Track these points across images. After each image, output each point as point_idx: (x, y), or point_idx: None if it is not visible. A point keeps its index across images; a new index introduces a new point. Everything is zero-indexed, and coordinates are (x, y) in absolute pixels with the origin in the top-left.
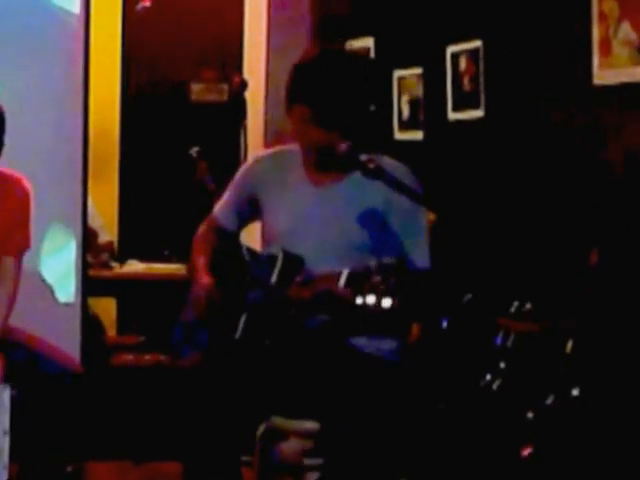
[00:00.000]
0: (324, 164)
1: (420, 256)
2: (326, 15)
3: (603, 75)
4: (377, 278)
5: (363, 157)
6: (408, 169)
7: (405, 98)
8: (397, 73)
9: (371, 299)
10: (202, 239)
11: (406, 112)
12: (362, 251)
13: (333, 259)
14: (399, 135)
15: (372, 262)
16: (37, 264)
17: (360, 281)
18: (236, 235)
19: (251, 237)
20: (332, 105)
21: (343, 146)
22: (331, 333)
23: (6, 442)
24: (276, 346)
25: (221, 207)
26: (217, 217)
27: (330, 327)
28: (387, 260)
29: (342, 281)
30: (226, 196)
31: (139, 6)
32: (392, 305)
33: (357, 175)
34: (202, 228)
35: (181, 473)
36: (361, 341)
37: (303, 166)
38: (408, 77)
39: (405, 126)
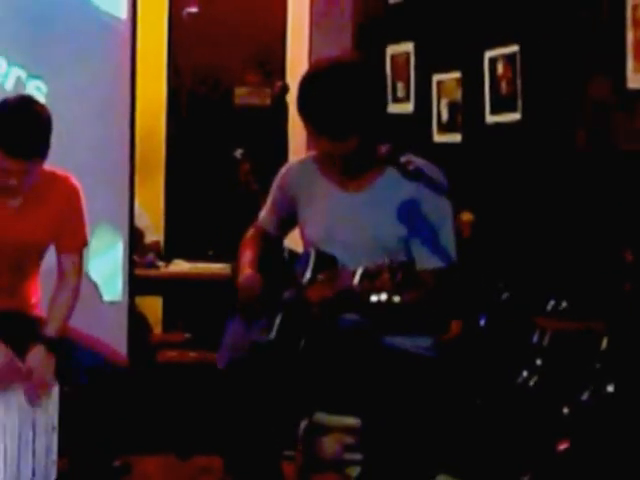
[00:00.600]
0: (350, 170)
1: (449, 253)
2: (367, 21)
3: (637, 79)
4: (386, 275)
5: (402, 159)
6: (436, 167)
7: (444, 101)
8: (436, 77)
9: (383, 296)
10: (248, 243)
11: (445, 115)
12: (391, 252)
13: (364, 260)
14: (438, 137)
15: (385, 260)
16: (85, 263)
17: (372, 278)
18: (280, 239)
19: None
20: (320, 116)
21: (383, 148)
22: (364, 332)
23: (55, 438)
24: (311, 345)
25: (264, 213)
26: (261, 222)
27: (363, 326)
28: (397, 258)
29: (356, 279)
30: (267, 202)
31: (185, 12)
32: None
33: (384, 179)
34: (249, 233)
35: (223, 467)
36: (397, 338)
37: (331, 172)
38: (447, 81)
39: (444, 129)
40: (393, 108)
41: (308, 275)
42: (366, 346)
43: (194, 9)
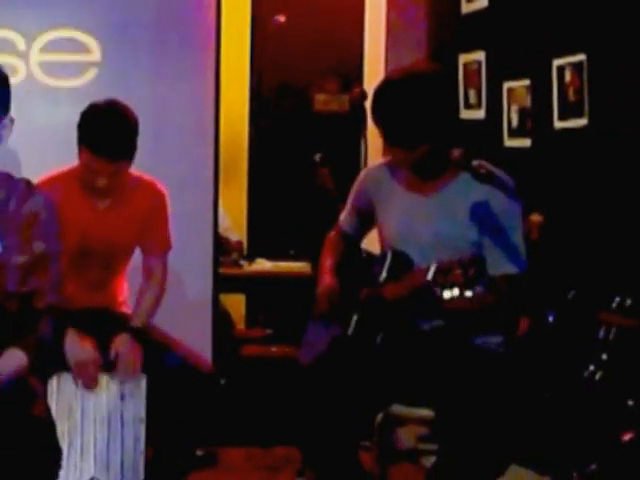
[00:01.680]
0: (424, 174)
1: (520, 254)
2: (440, 31)
3: None
4: (458, 271)
5: (475, 163)
6: (504, 172)
7: (514, 108)
8: (507, 84)
9: (455, 291)
10: (329, 244)
11: (515, 121)
12: (463, 252)
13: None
14: (508, 142)
15: (455, 257)
16: (172, 262)
17: (444, 274)
18: (359, 239)
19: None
20: (392, 126)
21: (456, 152)
22: (439, 328)
23: (142, 429)
24: (388, 340)
25: (344, 215)
26: (341, 224)
27: (446, 327)
28: (467, 254)
29: (429, 275)
30: (347, 205)
31: (274, 20)
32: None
33: (457, 183)
34: (331, 234)
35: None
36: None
37: (406, 177)
38: (517, 88)
39: (514, 134)
40: (465, 114)
41: (384, 274)
42: (439, 341)
43: (283, 18)
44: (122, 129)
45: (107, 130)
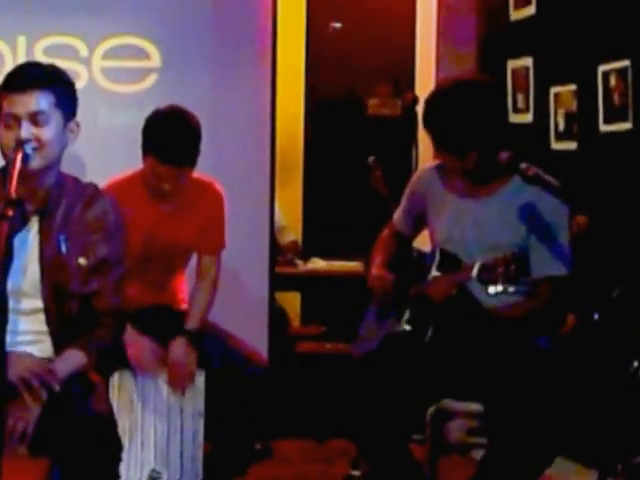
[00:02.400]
0: (474, 179)
1: (566, 254)
2: (489, 37)
3: None
4: (501, 268)
5: (522, 165)
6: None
7: (561, 112)
8: (554, 89)
9: (499, 287)
10: (382, 242)
11: (562, 124)
12: (510, 252)
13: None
14: (555, 145)
15: (499, 255)
16: (229, 262)
17: (488, 271)
18: (411, 239)
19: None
20: (443, 134)
21: (504, 155)
22: (487, 324)
23: (201, 423)
24: (437, 335)
25: (398, 215)
26: (395, 223)
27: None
28: (510, 253)
29: (474, 272)
30: (401, 205)
31: (331, 27)
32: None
33: (508, 187)
34: (384, 233)
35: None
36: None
37: (457, 180)
38: (563, 93)
39: (561, 137)
40: (514, 118)
41: (433, 272)
42: (488, 337)
43: (339, 25)
44: (186, 136)
45: (172, 137)
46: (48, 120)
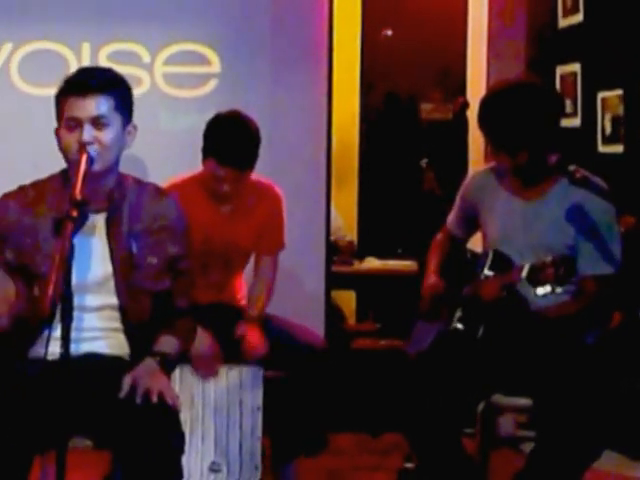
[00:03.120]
0: (525, 180)
1: (615, 254)
2: (538, 44)
3: None
4: (550, 270)
5: (571, 167)
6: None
7: (608, 116)
8: (601, 94)
9: (547, 288)
10: (436, 245)
11: (608, 128)
12: (560, 252)
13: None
14: (602, 148)
15: (548, 257)
16: (287, 261)
17: (537, 273)
18: (465, 240)
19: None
20: (498, 133)
21: (553, 158)
22: (536, 322)
23: (259, 417)
24: (488, 334)
25: (451, 218)
26: (448, 226)
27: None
28: (559, 254)
29: (524, 274)
30: (454, 208)
31: (383, 34)
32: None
33: (556, 188)
34: (438, 235)
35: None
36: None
37: (508, 181)
38: (610, 98)
39: (608, 140)
40: (562, 122)
41: (485, 272)
42: (536, 335)
43: (390, 32)
44: (246, 139)
45: (232, 140)
46: (108, 123)
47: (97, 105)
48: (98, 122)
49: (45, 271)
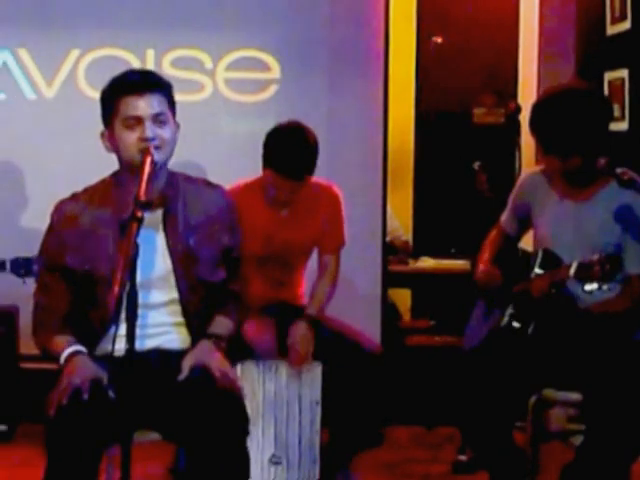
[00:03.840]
0: (575, 182)
1: None
2: (587, 50)
3: None
4: (597, 267)
5: (619, 170)
6: None
7: None
8: None
9: (594, 285)
10: (489, 241)
11: None
12: (607, 251)
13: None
14: None
15: (595, 255)
16: (346, 260)
17: (585, 270)
18: (517, 239)
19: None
20: (549, 137)
21: (602, 161)
22: (584, 319)
23: (318, 411)
24: (538, 330)
25: (504, 216)
26: (502, 224)
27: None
28: (605, 252)
29: (572, 271)
30: (507, 207)
31: (432, 41)
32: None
33: (605, 190)
34: (491, 233)
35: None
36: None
37: (559, 184)
38: None
39: None
40: (610, 126)
41: (535, 270)
42: (585, 331)
43: (439, 40)
44: (304, 152)
45: (290, 153)
46: (167, 120)
47: (157, 103)
48: (158, 119)
49: (106, 273)
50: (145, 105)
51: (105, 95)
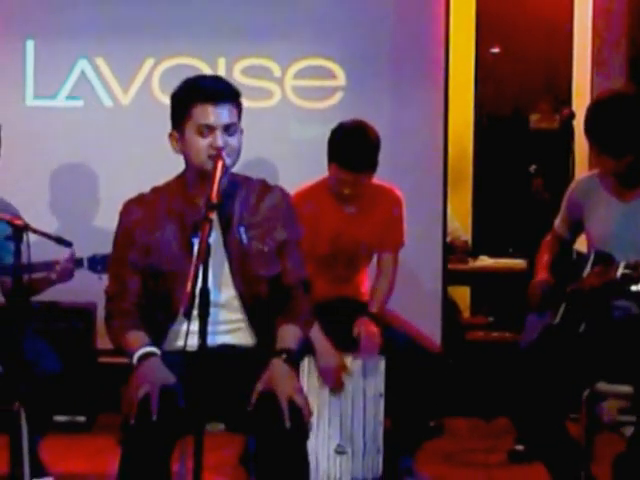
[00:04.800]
0: (626, 183)
1: None
2: (636, 60)
3: None
4: None
5: None
6: None
7: None
8: None
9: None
10: (545, 245)
11: None
12: None
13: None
14: None
15: None
16: (408, 260)
17: (632, 270)
18: (572, 241)
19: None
20: (604, 138)
21: None
22: (634, 316)
23: (381, 404)
24: (590, 327)
25: (558, 221)
26: (556, 229)
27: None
28: None
29: (619, 271)
30: (561, 212)
31: (495, 51)
32: None
33: None
34: (547, 237)
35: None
36: None
37: (610, 186)
38: None
39: None
40: None
41: (587, 270)
42: (636, 327)
43: (497, 50)
44: (365, 146)
45: (352, 146)
46: (236, 130)
47: (229, 114)
48: (229, 129)
49: (170, 269)
50: (218, 115)
51: (178, 98)
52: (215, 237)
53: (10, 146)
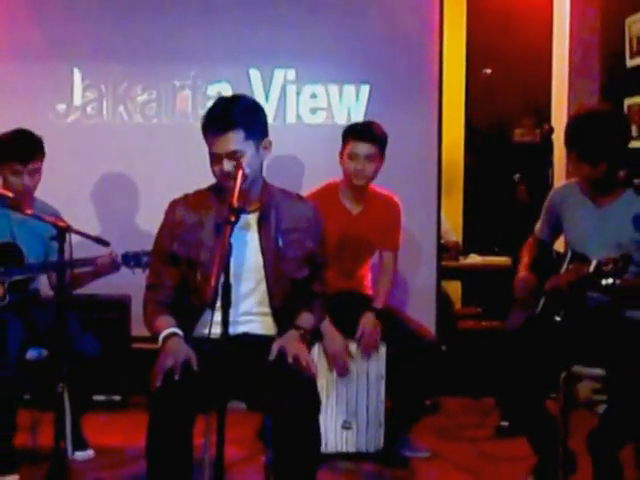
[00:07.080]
0: (600, 189)
1: None
2: (609, 80)
3: None
4: (611, 265)
5: (636, 181)
6: None
7: None
8: None
9: (610, 280)
10: (527, 248)
11: None
12: (627, 251)
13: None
14: None
15: (611, 255)
16: (406, 258)
17: (602, 268)
18: (551, 244)
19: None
20: (582, 147)
21: (622, 173)
22: (606, 306)
23: (383, 384)
24: (566, 317)
25: (538, 225)
26: (536, 232)
27: (605, 302)
28: (619, 253)
29: (591, 268)
30: (541, 217)
31: (484, 72)
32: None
33: (625, 196)
34: (528, 240)
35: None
36: (630, 311)
37: (587, 192)
38: None
39: None
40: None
41: (564, 268)
42: (607, 316)
43: (489, 71)
44: (376, 124)
45: (366, 123)
46: (242, 154)
47: (230, 142)
48: (233, 155)
49: (205, 261)
50: (222, 145)
51: (202, 127)
52: (247, 236)
53: (55, 159)
